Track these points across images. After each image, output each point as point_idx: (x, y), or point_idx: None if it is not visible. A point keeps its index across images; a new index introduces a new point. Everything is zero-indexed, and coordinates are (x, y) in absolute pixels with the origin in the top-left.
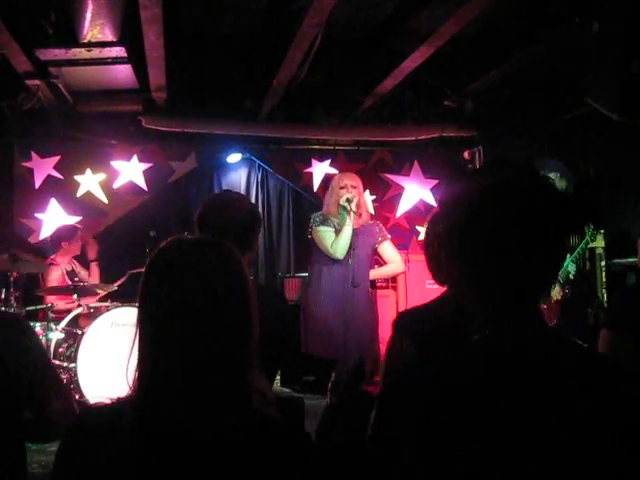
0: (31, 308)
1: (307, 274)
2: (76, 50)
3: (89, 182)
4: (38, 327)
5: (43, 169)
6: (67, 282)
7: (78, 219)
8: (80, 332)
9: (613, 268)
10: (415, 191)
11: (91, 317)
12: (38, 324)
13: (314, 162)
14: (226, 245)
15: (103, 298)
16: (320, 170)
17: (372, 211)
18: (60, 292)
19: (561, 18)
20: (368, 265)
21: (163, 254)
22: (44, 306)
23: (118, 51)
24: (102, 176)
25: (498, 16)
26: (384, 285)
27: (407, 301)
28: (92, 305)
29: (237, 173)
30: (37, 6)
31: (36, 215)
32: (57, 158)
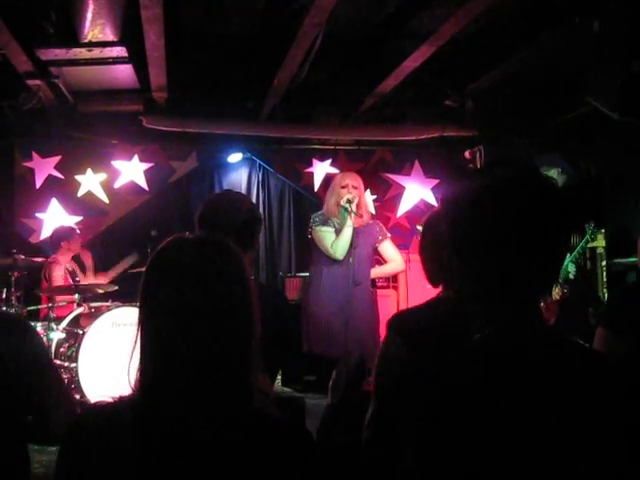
0: (32, 308)
1: (308, 273)
2: (77, 50)
3: (90, 182)
4: (39, 327)
5: (44, 169)
6: (69, 281)
7: (79, 219)
8: (81, 332)
9: (614, 268)
10: (416, 191)
11: (92, 317)
12: (39, 324)
13: (315, 162)
14: (227, 243)
15: (104, 298)
16: (321, 170)
17: (373, 211)
18: (62, 292)
19: (562, 18)
20: (369, 264)
21: (163, 253)
22: (45, 306)
23: (119, 51)
24: (103, 176)
25: (499, 16)
26: (385, 285)
27: (408, 301)
28: (93, 305)
29: (238, 173)
30: (37, 6)
31: (37, 215)
32: (58, 158)
